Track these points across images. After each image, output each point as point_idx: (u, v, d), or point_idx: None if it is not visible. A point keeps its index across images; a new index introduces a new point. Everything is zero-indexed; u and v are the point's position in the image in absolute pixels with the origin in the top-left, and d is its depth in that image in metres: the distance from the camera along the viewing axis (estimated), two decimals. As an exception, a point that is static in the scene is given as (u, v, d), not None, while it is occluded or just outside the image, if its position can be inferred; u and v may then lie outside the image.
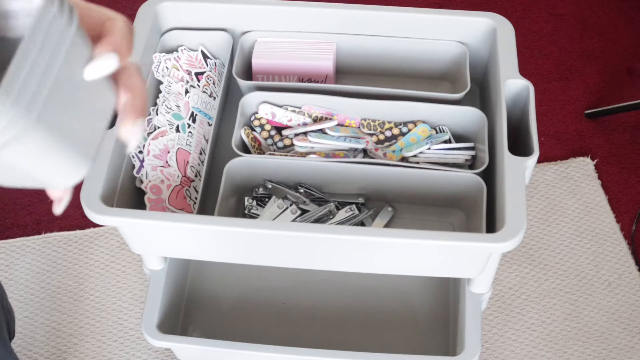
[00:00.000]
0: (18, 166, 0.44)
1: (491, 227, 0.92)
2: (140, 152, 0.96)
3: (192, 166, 0.97)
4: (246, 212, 0.99)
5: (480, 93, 1.10)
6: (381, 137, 1.01)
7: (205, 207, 0.98)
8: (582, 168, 1.59)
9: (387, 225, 1.00)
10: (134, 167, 0.96)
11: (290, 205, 0.99)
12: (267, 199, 1.00)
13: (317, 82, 1.07)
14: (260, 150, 1.01)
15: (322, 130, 1.01)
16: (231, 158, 0.96)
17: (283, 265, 0.99)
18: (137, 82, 0.52)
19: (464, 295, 1.04)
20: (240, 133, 1.00)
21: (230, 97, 1.10)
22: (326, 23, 1.06)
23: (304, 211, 0.99)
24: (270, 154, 0.99)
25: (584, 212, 1.53)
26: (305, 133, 1.01)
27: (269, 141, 1.01)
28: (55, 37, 0.44)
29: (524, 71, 1.02)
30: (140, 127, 0.52)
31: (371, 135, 1.02)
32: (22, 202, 1.54)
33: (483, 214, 0.92)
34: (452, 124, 1.01)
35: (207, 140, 1.01)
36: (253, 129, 1.02)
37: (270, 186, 1.00)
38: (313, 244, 0.91)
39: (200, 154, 0.99)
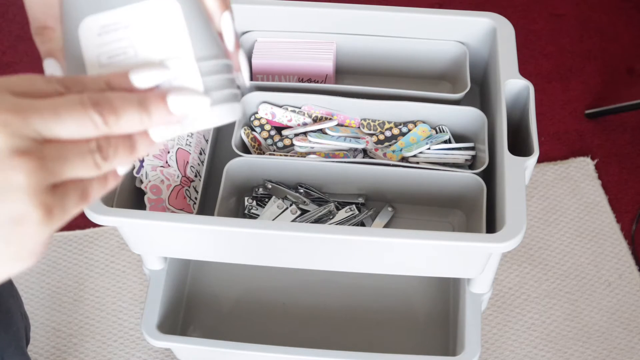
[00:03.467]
0: None
1: (491, 227, 0.91)
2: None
3: (192, 166, 0.97)
4: (246, 212, 0.99)
5: (480, 93, 1.10)
6: (381, 137, 1.01)
7: (205, 207, 0.98)
8: (582, 168, 1.59)
9: (387, 225, 1.00)
10: (133, 167, 0.96)
11: (290, 205, 0.99)
12: (267, 199, 1.00)
13: (317, 82, 1.07)
14: (260, 150, 1.01)
15: (322, 130, 1.01)
16: (231, 158, 0.96)
17: (283, 266, 0.99)
18: None
19: (464, 295, 1.04)
20: (240, 133, 1.00)
21: (230, 97, 1.10)
22: (326, 23, 1.06)
23: (304, 211, 0.99)
24: (270, 154, 0.99)
25: (584, 212, 1.53)
26: (305, 133, 1.01)
27: (269, 141, 1.01)
28: None
29: (524, 71, 1.02)
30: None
31: (371, 135, 1.02)
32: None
33: (483, 214, 0.92)
34: (452, 124, 1.01)
35: (207, 140, 1.01)
36: (253, 129, 1.02)
37: (270, 186, 1.00)
38: (313, 244, 0.91)
39: (200, 154, 0.99)
